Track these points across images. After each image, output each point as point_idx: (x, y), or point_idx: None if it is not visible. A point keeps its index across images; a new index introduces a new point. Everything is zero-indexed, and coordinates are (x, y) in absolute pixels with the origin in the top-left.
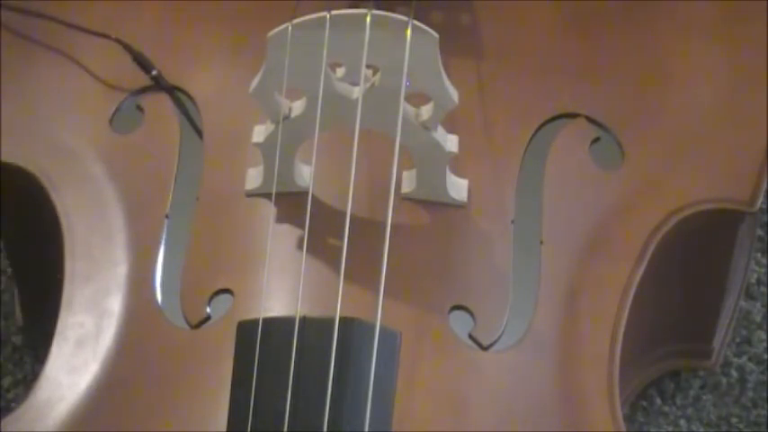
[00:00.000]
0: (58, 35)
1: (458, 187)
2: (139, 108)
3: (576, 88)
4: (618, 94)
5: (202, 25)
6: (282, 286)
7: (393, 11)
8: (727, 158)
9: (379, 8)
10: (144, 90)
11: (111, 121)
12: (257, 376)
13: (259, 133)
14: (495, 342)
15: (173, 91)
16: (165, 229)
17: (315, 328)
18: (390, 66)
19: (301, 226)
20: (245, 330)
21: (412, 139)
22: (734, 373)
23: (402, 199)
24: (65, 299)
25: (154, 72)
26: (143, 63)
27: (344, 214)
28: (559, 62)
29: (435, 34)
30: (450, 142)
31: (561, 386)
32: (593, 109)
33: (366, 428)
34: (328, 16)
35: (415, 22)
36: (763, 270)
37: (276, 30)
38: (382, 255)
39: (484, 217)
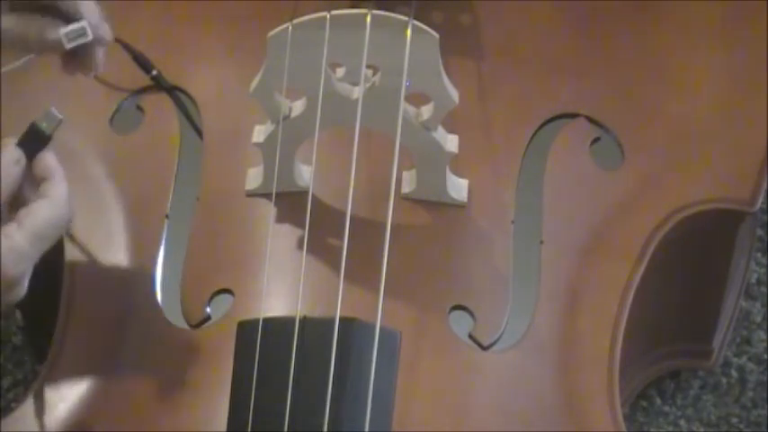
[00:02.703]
0: None
1: (458, 187)
2: (139, 108)
3: (577, 88)
4: (618, 95)
5: (202, 25)
6: (282, 286)
7: (393, 11)
8: (727, 158)
9: (379, 8)
10: (144, 90)
11: (111, 121)
12: (257, 376)
13: (259, 133)
14: (496, 342)
15: (173, 91)
16: (165, 229)
17: (315, 328)
18: (390, 66)
19: (301, 226)
20: (246, 330)
21: (412, 139)
22: (734, 373)
23: (402, 199)
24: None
25: (154, 72)
26: (143, 63)
27: (344, 214)
28: (560, 62)
29: (435, 34)
30: (451, 142)
31: (561, 386)
32: (593, 109)
33: (366, 428)
34: (328, 16)
35: (415, 22)
36: (763, 270)
37: (276, 30)
38: (382, 255)
39: (484, 217)
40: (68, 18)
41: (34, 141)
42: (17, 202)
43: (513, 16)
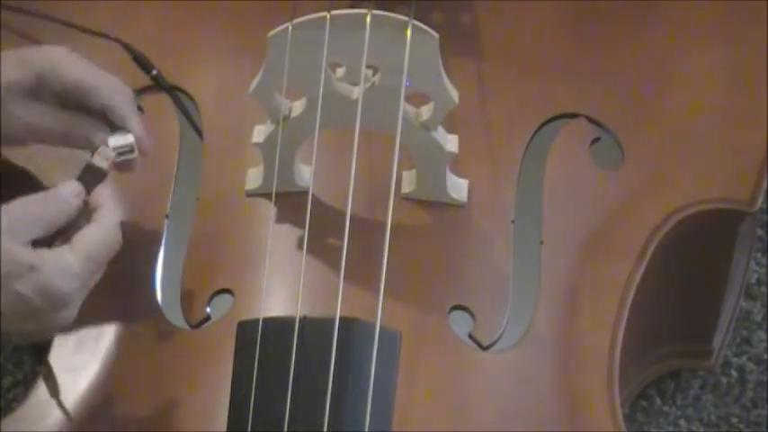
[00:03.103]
0: (57, 35)
1: (458, 187)
2: (139, 108)
3: (577, 88)
4: (618, 95)
5: (202, 25)
6: (282, 286)
7: (393, 11)
8: (727, 158)
9: (379, 8)
10: (144, 90)
11: None
12: (257, 376)
13: (259, 133)
14: (495, 342)
15: (173, 91)
16: (165, 229)
17: (315, 328)
18: (390, 66)
19: (301, 226)
20: (246, 330)
21: (412, 139)
22: (734, 373)
23: (402, 199)
24: None
25: (154, 72)
26: (143, 63)
27: (344, 214)
28: (560, 62)
29: (435, 34)
30: (451, 142)
31: (561, 386)
32: (593, 109)
33: (366, 428)
34: (328, 16)
35: (415, 22)
36: (763, 270)
37: (276, 30)
38: (382, 255)
39: (484, 217)
40: (113, 124)
41: (92, 176)
42: (70, 231)
43: (513, 16)
